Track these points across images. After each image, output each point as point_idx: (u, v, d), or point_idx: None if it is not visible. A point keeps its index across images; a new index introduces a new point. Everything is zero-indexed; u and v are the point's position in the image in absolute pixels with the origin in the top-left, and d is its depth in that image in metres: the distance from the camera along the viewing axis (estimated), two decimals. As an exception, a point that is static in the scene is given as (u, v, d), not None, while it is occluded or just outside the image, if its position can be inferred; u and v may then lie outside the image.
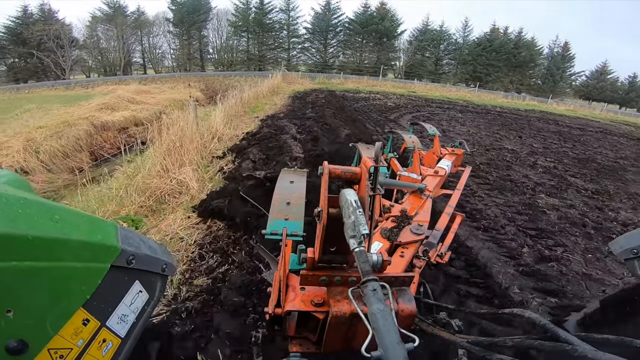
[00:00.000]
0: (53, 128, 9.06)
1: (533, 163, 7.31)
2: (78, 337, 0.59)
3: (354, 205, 0.88)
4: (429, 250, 1.92)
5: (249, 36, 41.36)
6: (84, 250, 0.59)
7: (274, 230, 1.41)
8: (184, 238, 3.24)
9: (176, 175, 4.35)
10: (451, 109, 16.44)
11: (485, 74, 47.24)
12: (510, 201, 4.95)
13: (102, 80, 28.81)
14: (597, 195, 5.74)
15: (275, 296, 1.17)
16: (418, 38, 46.10)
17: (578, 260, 3.64)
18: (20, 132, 9.12)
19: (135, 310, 0.74)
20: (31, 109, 13.23)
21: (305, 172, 1.99)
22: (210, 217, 3.54)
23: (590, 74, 49.85)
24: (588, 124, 18.85)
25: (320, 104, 13.18)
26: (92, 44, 41.20)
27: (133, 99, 13.56)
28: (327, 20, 42.05)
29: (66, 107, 12.99)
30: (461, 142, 3.98)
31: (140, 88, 16.62)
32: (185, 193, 4.25)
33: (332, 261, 1.06)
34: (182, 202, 4.08)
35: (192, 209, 3.73)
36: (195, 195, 4.17)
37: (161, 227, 3.48)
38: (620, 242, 1.18)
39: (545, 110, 25.14)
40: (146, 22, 41.48)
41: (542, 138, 11.25)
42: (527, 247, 3.71)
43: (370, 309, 0.69)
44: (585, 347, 0.78)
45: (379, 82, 31.75)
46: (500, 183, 5.72)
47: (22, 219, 0.50)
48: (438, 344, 1.22)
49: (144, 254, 0.74)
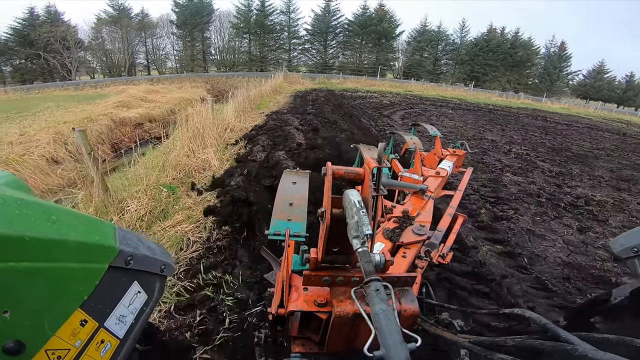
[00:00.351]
0: (77, 123, 9.99)
1: (508, 150, 8.26)
2: (76, 338, 0.59)
3: (357, 206, 0.89)
4: (431, 250, 1.94)
5: (250, 38, 42.45)
6: (82, 251, 0.59)
7: (276, 231, 1.44)
8: (211, 200, 4.17)
9: (200, 155, 5.29)
10: (443, 107, 17.41)
11: (483, 74, 48.07)
12: (479, 177, 5.88)
13: (110, 80, 29.80)
14: (559, 175, 6.67)
15: (278, 297, 1.18)
16: (416, 39, 47.08)
17: (526, 221, 4.55)
18: (47, 126, 10.06)
19: (134, 311, 0.74)
20: (49, 107, 14.21)
21: (307, 173, 2.00)
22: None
23: (588, 73, 50.73)
24: (578, 121, 19.68)
25: (320, 101, 14.14)
26: (97, 45, 42.13)
27: (145, 98, 14.53)
28: (327, 22, 43.15)
29: (82, 105, 13.96)
30: (462, 142, 4.00)
31: (150, 88, 17.60)
32: (208, 169, 5.18)
33: (335, 261, 1.07)
34: (206, 176, 5.01)
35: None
36: (216, 171, 5.11)
37: (191, 193, 4.41)
38: (620, 240, 1.16)
39: (539, 108, 26.04)
40: (150, 24, 42.46)
41: (525, 131, 12.19)
42: (485, 210, 4.63)
43: (373, 309, 0.70)
44: (585, 347, 0.78)
45: (377, 82, 32.85)
46: (473, 164, 6.66)
47: (20, 220, 0.50)
48: (440, 344, 1.27)
49: (143, 255, 0.75)
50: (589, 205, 5.16)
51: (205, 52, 43.59)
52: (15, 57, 40.87)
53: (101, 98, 15.61)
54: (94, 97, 17.22)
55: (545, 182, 6.15)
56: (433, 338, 1.25)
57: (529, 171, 6.67)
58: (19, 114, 13.21)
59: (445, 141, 7.70)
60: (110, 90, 20.76)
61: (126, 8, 41.34)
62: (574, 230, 4.36)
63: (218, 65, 43.63)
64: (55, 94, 21.87)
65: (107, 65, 42.83)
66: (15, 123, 11.11)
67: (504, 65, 48.01)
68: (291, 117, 9.68)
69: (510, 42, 47.89)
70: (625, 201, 5.56)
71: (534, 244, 3.99)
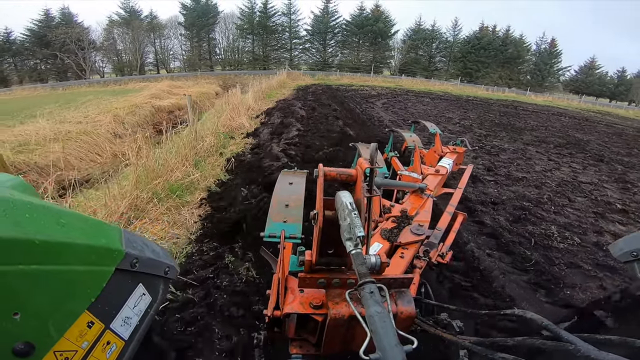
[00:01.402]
0: (127, 109, 12.85)
1: (456, 122, 11.07)
2: (83, 339, 0.60)
3: (349, 208, 0.89)
4: (429, 250, 1.92)
5: (254, 38, 45.40)
6: (89, 254, 0.60)
7: (272, 232, 1.45)
8: (247, 142, 6.99)
9: (237, 120, 8.12)
10: (425, 98, 20.24)
11: (475, 70, 50.38)
12: (425, 134, 8.71)
13: (128, 78, 32.81)
14: (486, 136, 9.45)
15: (274, 298, 1.19)
16: (411, 37, 49.76)
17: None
18: (102, 112, 12.89)
19: (139, 313, 0.75)
20: (91, 99, 17.05)
21: (305, 173, 2.03)
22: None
23: (580, 69, 52.64)
24: (549, 110, 21.78)
25: (318, 93, 17.03)
26: (109, 45, 44.85)
27: (170, 92, 17.42)
28: (326, 23, 46.10)
29: (118, 97, 16.80)
30: (463, 140, 4.00)
31: (172, 84, 20.54)
32: (242, 128, 8.01)
33: (330, 263, 1.07)
34: (242, 132, 7.84)
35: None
36: (248, 129, 7.93)
37: (237, 140, 7.25)
38: (619, 244, 1.17)
39: (521, 100, 28.14)
40: (159, 25, 45.25)
41: (484, 113, 14.96)
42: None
43: (368, 311, 0.70)
44: (588, 347, 0.78)
45: (371, 78, 35.95)
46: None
47: (29, 224, 0.51)
48: (439, 344, 1.28)
49: (148, 257, 0.76)
50: (494, 150, 7.96)
51: (211, 52, 46.42)
52: (31, 57, 43.49)
53: (129, 93, 18.46)
54: (122, 92, 20.10)
55: (471, 138, 8.94)
56: (432, 339, 1.23)
57: (462, 133, 9.47)
58: (68, 104, 16.06)
59: (405, 115, 10.56)
60: (132, 86, 23.68)
61: (136, 10, 44.01)
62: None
63: (223, 64, 46.49)
64: (84, 90, 24.76)
65: (119, 65, 45.47)
66: (71, 111, 13.94)
67: (495, 62, 50.22)
68: (296, 102, 12.56)
69: (501, 40, 50.04)
70: (527, 151, 8.32)
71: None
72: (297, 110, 10.18)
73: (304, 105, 11.64)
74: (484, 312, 1.38)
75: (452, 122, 11.15)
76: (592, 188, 5.71)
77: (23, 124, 9.61)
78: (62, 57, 40.59)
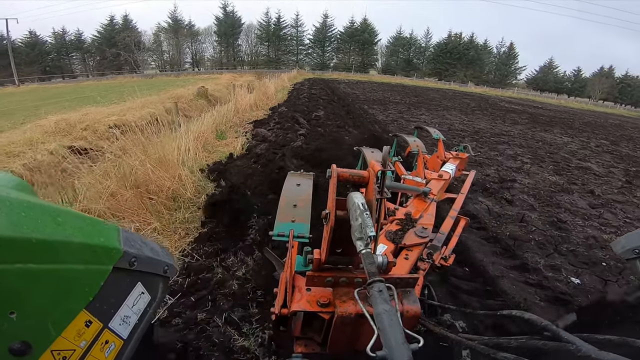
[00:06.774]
0: (243, 82, 20.62)
1: (383, 96, 18.95)
2: (81, 339, 0.57)
3: (361, 208, 0.86)
4: (433, 253, 1.86)
5: (269, 44, 53.70)
6: (87, 253, 0.57)
7: (280, 232, 1.41)
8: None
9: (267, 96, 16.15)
10: (380, 86, 26.01)
11: (444, 70, 57.13)
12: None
13: (184, 72, 41.25)
14: (409, 110, 17.35)
15: (282, 297, 1.13)
16: (393, 44, 57.19)
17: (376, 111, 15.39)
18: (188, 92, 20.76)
19: (138, 312, 0.71)
20: (165, 87, 24.77)
21: (311, 175, 1.97)
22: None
23: (540, 68, 57.90)
24: (471, 95, 26.70)
25: (317, 82, 25.21)
26: (157, 47, 52.55)
27: (234, 79, 25.14)
28: (324, 33, 55.37)
29: (188, 84, 24.51)
30: (465, 145, 3.85)
31: (231, 76, 28.28)
32: (269, 102, 15.90)
33: (338, 262, 1.03)
34: (270, 104, 15.79)
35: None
36: (272, 104, 15.86)
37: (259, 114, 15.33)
38: (622, 242, 1.09)
39: (459, 90, 33.46)
40: (197, 32, 53.04)
41: (411, 94, 22.63)
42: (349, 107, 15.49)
43: (376, 309, 0.66)
44: (589, 347, 0.73)
45: (352, 74, 46.19)
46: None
47: (26, 222, 0.48)
48: (442, 345, 1.21)
49: (146, 256, 0.72)
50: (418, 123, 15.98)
51: (236, 56, 54.59)
52: (96, 54, 50.65)
53: (203, 81, 26.09)
54: (185, 82, 27.22)
55: (396, 110, 16.84)
56: (436, 338, 1.16)
57: (384, 104, 17.39)
58: (149, 89, 17.10)
59: (354, 89, 18.81)
60: (198, 77, 30.38)
61: (180, 19, 51.68)
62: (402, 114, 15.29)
63: (243, 64, 54.74)
64: (151, 81, 27.76)
65: (165, 63, 52.79)
66: (161, 94, 14.43)
67: (460, 63, 56.51)
68: (304, 86, 20.67)
69: (465, 45, 56.32)
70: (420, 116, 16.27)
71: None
72: (305, 90, 18.17)
73: (309, 87, 19.74)
74: (481, 312, 1.34)
75: (379, 97, 19.14)
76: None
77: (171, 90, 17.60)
78: (124, 55, 47.99)
